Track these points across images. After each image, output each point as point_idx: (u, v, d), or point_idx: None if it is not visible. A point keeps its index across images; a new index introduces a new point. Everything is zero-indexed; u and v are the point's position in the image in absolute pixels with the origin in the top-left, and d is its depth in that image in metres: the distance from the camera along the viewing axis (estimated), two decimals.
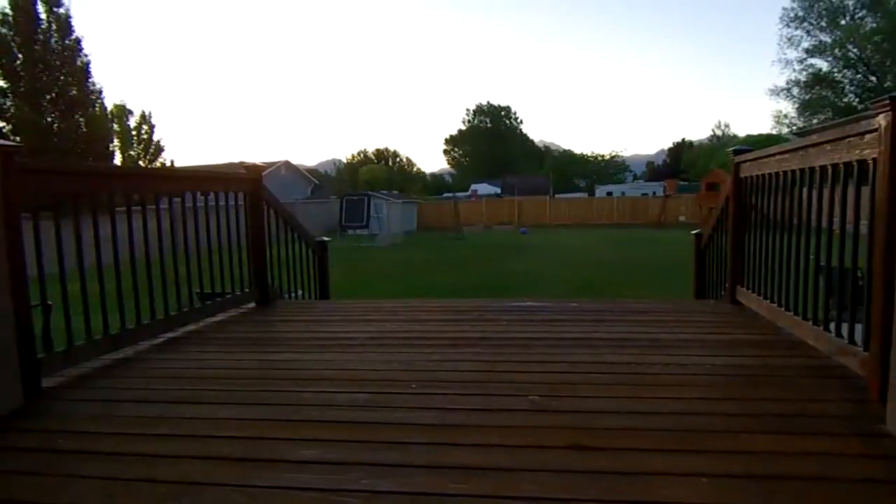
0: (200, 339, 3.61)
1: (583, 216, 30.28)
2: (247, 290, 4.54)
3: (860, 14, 32.08)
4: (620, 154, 59.76)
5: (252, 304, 4.54)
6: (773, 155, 3.57)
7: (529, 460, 1.86)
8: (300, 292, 5.40)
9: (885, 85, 30.05)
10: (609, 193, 37.84)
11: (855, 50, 32.48)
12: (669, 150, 56.70)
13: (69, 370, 2.85)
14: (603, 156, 58.76)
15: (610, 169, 58.37)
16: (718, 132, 54.54)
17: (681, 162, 51.47)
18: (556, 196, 37.76)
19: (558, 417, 2.20)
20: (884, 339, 2.12)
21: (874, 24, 31.07)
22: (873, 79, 32.08)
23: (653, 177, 52.20)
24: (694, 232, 5.52)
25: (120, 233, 3.20)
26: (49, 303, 3.10)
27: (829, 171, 2.80)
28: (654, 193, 34.56)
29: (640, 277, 11.09)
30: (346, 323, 4.03)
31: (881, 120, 2.26)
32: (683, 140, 55.87)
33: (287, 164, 35.13)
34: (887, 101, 2.19)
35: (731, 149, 4.40)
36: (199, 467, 1.88)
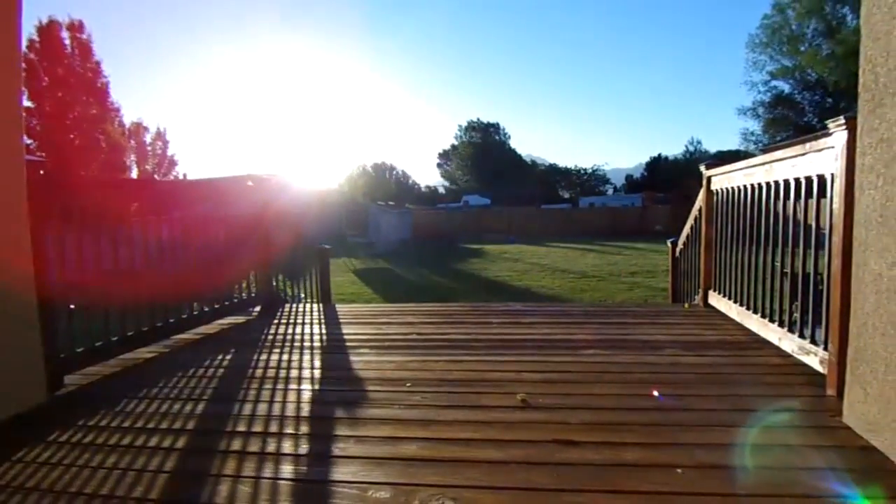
0: (209, 341, 3.59)
1: (567, 225, 30.34)
2: (253, 294, 4.53)
3: (817, 41, 32.62)
4: (602, 168, 60.18)
5: (258, 308, 4.52)
6: (741, 169, 3.61)
7: (519, 453, 1.86)
8: (303, 296, 5.38)
9: (841, 105, 30.45)
10: (591, 204, 38.08)
11: (813, 74, 32.94)
12: (647, 164, 56.96)
13: (89, 368, 2.85)
14: (585, 169, 59.16)
15: (592, 181, 58.70)
16: (692, 148, 54.93)
17: (657, 175, 51.73)
18: (543, 206, 37.84)
19: (545, 414, 2.21)
20: (841, 340, 2.15)
21: (829, 51, 31.58)
22: (830, 100, 32.51)
23: (632, 189, 52.42)
24: (670, 240, 5.55)
25: (137, 240, 3.20)
26: (71, 305, 3.09)
27: (792, 184, 2.83)
28: (633, 204, 34.75)
29: (620, 282, 11.12)
30: (345, 325, 4.01)
31: (838, 138, 2.29)
32: (660, 155, 56.20)
33: (292, 176, 35.11)
34: (843, 121, 2.23)
35: (703, 163, 4.43)
36: (208, 460, 1.88)
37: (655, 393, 2.19)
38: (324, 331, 3.87)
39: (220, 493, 1.65)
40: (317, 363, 3.06)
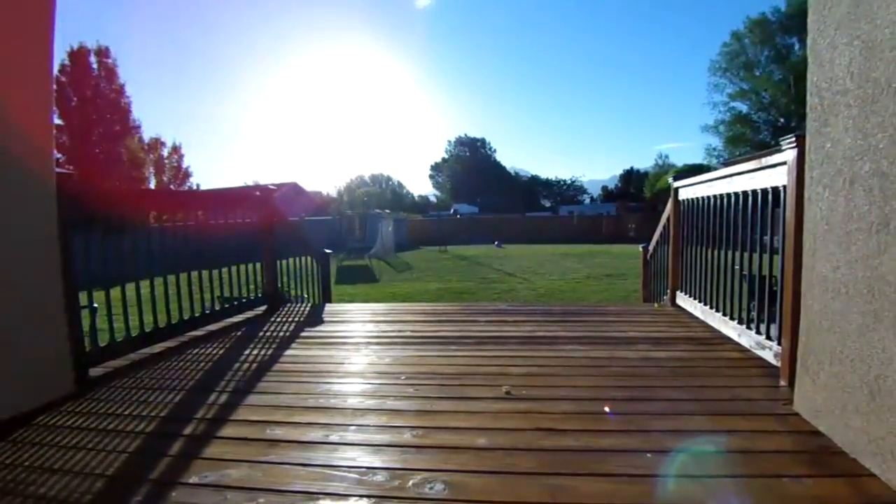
0: (220, 337, 3.55)
1: (548, 232, 30.43)
2: (260, 295, 4.51)
3: (770, 67, 33.20)
4: (579, 179, 60.61)
5: (264, 307, 4.50)
6: (705, 182, 3.65)
7: (504, 440, 1.86)
8: (305, 297, 5.35)
9: (792, 124, 30.93)
10: (571, 212, 38.19)
11: (767, 96, 33.43)
12: (621, 175, 57.27)
13: (112, 362, 2.83)
14: (564, 180, 59.58)
15: (571, 191, 59.08)
16: (661, 161, 55.31)
17: (630, 185, 52.04)
18: (526, 214, 37.96)
19: (528, 404, 2.21)
20: (793, 336, 2.18)
21: (781, 76, 32.13)
22: (782, 120, 32.98)
23: (607, 198, 52.69)
24: (642, 245, 5.58)
25: (155, 245, 3.18)
26: (95, 305, 3.07)
27: (750, 195, 2.87)
28: (608, 213, 34.96)
29: (597, 284, 11.16)
30: (344, 324, 4.00)
31: (789, 154, 2.33)
32: (632, 167, 56.52)
33: (295, 185, 34.99)
34: (794, 139, 2.26)
35: (671, 175, 4.47)
36: (221, 447, 1.86)
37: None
38: (324, 328, 3.85)
39: (232, 476, 1.64)
40: (318, 358, 3.04)
